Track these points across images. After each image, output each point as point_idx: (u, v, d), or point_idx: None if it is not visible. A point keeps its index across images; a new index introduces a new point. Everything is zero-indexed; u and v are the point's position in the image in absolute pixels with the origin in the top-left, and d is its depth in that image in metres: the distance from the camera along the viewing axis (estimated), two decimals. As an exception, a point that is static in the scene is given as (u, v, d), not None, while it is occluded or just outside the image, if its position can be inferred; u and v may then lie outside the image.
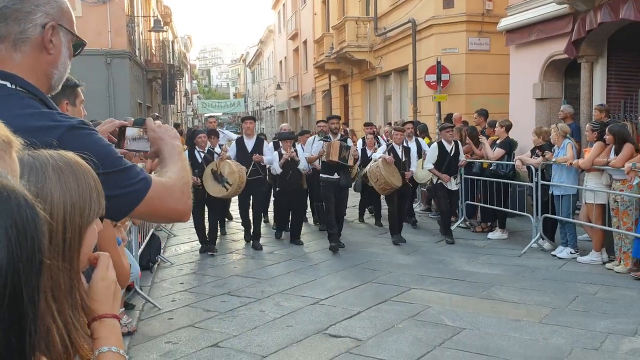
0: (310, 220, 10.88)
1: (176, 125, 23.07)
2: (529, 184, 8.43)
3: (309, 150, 9.04)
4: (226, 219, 10.72)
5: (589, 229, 7.61)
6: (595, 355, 4.56)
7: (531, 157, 8.44)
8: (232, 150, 8.90)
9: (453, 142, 9.20)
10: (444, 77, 15.06)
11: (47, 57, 1.48)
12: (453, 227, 9.86)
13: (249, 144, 8.93)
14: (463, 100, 15.14)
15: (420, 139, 10.67)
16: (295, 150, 9.10)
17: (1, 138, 0.85)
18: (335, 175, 8.40)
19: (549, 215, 8.06)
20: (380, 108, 21.36)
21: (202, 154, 8.37)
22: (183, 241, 9.36)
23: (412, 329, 5.18)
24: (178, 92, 39.84)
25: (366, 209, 11.39)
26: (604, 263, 7.24)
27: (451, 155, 9.05)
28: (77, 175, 1.05)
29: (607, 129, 7.15)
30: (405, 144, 9.16)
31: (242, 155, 8.70)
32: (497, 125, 9.39)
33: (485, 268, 7.34)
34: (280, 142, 9.44)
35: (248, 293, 6.48)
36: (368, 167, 9.00)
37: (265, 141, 9.32)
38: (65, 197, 1.03)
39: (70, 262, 1.03)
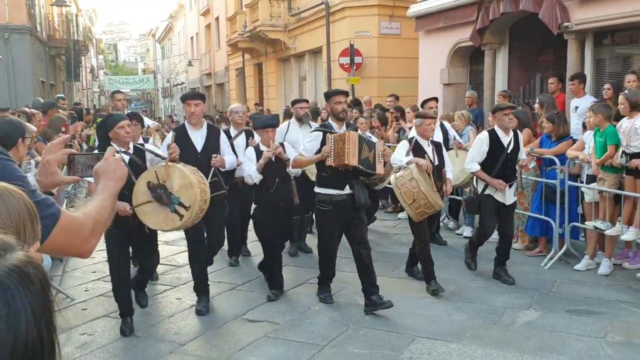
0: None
1: (76, 105, 22.07)
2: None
3: (290, 147, 6.04)
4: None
5: (491, 209, 8.11)
6: (494, 328, 4.95)
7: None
8: (165, 142, 5.47)
9: (512, 132, 6.15)
10: (357, 60, 15.37)
11: None
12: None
13: (197, 137, 5.40)
14: (375, 83, 15.53)
15: (445, 123, 7.80)
16: (281, 145, 5.83)
17: None
18: (347, 190, 5.22)
19: (454, 197, 8.52)
20: (296, 88, 21.46)
21: (128, 156, 4.78)
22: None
23: (327, 311, 5.38)
24: (84, 69, 37.98)
25: None
26: (504, 241, 7.76)
27: (509, 151, 6.04)
28: (9, 208, 1.02)
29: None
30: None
31: (187, 157, 5.09)
32: (408, 110, 9.73)
33: (395, 247, 7.68)
34: (254, 133, 6.48)
35: (164, 280, 6.45)
36: (393, 178, 5.86)
37: (222, 132, 5.87)
38: None
39: None
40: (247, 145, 6.39)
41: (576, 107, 8.05)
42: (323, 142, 5.16)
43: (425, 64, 12.63)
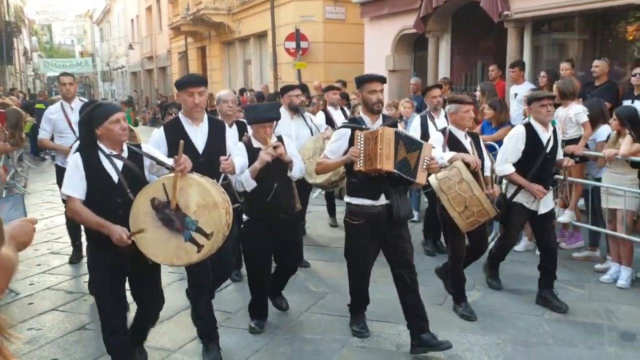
0: None
1: (11, 90, 21.25)
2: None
3: (290, 140, 4.98)
4: None
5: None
6: (439, 309, 5.15)
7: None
8: (154, 144, 4.17)
9: (551, 126, 5.22)
10: (303, 44, 15.38)
11: None
12: None
13: (197, 134, 4.25)
14: (322, 68, 15.59)
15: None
16: (280, 141, 4.61)
17: None
18: (382, 200, 4.25)
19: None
20: (240, 73, 21.28)
21: (121, 161, 3.56)
22: (37, 217, 8.86)
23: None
24: (16, 51, 36.33)
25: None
26: (448, 224, 8.01)
27: (548, 150, 5.10)
28: None
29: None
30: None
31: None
32: (353, 97, 9.85)
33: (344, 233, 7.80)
34: (247, 128, 5.19)
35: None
36: (434, 180, 4.69)
37: (227, 126, 4.61)
38: None
39: None
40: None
41: (515, 94, 8.35)
42: (352, 141, 4.21)
43: (371, 50, 12.77)
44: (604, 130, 6.17)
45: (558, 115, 6.35)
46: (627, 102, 6.60)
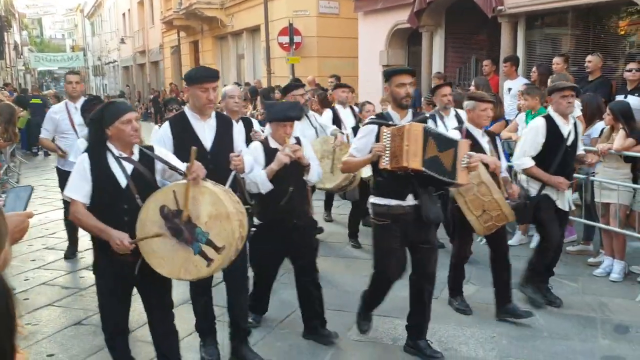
0: None
1: (6, 85, 21.14)
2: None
3: (307, 142, 4.83)
4: None
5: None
6: (435, 303, 5.10)
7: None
8: (159, 140, 3.92)
9: (572, 120, 4.98)
10: (296, 39, 15.36)
11: None
12: None
13: (205, 130, 3.96)
14: (315, 62, 15.59)
15: (460, 111, 6.17)
16: (298, 142, 4.49)
17: None
18: (410, 200, 4.01)
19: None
20: (233, 67, 21.23)
21: (131, 164, 3.35)
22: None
23: (277, 292, 5.44)
24: (7, 45, 36.04)
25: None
26: (442, 218, 8.04)
27: (569, 143, 4.90)
28: None
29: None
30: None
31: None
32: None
33: (339, 228, 7.84)
34: (252, 122, 5.55)
35: (108, 266, 6.35)
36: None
37: (235, 123, 4.27)
38: None
39: None
40: (247, 139, 4.71)
41: (509, 89, 8.39)
42: (379, 138, 3.95)
43: (365, 44, 12.77)
44: (600, 126, 6.21)
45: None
46: (619, 97, 6.64)
